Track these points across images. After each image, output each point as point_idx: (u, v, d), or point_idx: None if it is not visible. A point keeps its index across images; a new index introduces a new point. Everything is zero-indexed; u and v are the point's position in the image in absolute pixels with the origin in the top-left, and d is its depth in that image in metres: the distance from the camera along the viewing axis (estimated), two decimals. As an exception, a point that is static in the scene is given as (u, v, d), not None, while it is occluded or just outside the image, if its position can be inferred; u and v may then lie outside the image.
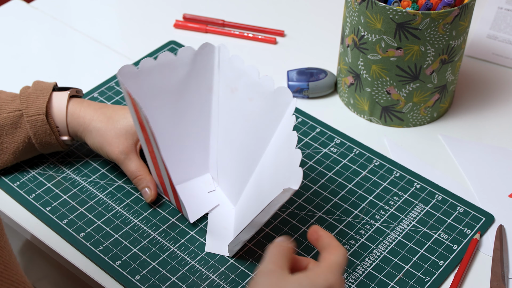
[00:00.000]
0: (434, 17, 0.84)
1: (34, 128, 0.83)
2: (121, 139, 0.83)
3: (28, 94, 0.84)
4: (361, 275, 0.77)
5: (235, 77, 0.80)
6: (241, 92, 0.80)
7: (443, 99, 0.95)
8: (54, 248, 0.80)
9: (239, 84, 0.80)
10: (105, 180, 0.87)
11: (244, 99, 0.80)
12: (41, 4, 1.16)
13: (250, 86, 0.79)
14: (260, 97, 0.78)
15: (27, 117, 0.82)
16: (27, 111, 0.83)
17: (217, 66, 0.82)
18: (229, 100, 0.82)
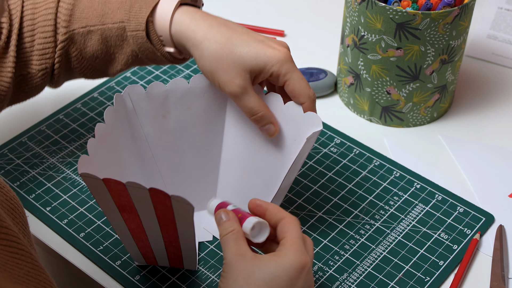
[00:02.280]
0: (434, 17, 0.84)
1: (136, 44, 0.77)
2: (240, 69, 0.72)
3: (133, 3, 0.76)
4: (361, 275, 0.77)
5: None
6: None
7: (443, 99, 0.95)
8: (54, 248, 0.80)
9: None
10: (105, 180, 0.87)
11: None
12: (41, 4, 1.16)
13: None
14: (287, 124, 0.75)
15: (129, 32, 0.76)
16: (129, 25, 0.76)
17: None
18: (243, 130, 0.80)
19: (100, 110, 0.96)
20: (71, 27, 0.78)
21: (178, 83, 0.78)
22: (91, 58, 0.80)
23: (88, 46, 0.79)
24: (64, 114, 0.96)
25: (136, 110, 0.77)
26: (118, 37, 0.77)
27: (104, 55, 0.80)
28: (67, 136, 0.93)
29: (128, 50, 0.78)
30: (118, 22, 0.76)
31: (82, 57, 0.80)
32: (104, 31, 0.77)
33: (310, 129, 0.72)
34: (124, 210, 0.67)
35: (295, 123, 0.75)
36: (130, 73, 1.02)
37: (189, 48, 0.74)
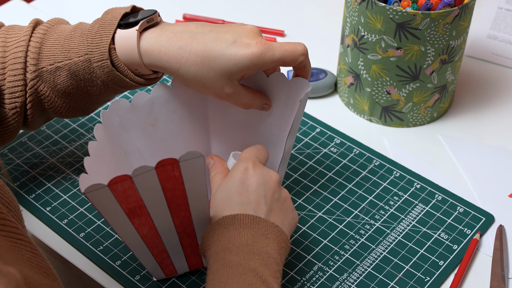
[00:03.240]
0: (434, 17, 0.84)
1: (104, 74, 0.74)
2: (224, 80, 0.72)
3: (94, 33, 0.74)
4: (361, 275, 0.77)
5: None
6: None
7: (443, 99, 0.95)
8: (54, 248, 0.80)
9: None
10: (105, 180, 0.87)
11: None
12: (41, 4, 1.16)
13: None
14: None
15: (94, 63, 0.74)
16: (93, 56, 0.74)
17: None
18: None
19: (100, 110, 0.96)
20: (40, 64, 0.76)
21: (160, 89, 0.78)
22: (64, 96, 0.78)
23: (58, 83, 0.77)
24: (64, 114, 0.96)
25: (125, 125, 0.77)
26: (85, 70, 0.75)
27: (76, 90, 0.77)
28: (67, 136, 0.93)
29: (99, 82, 0.76)
30: (83, 55, 0.74)
31: (54, 96, 0.78)
32: (71, 66, 0.75)
33: (300, 92, 0.76)
34: (135, 215, 0.66)
35: (283, 91, 0.77)
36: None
37: (170, 74, 0.74)
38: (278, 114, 0.79)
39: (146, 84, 0.77)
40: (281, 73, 0.77)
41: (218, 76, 0.72)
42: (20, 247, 0.55)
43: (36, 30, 0.77)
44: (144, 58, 0.73)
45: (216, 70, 0.72)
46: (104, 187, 0.61)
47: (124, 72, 0.75)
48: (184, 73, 0.72)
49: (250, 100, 0.76)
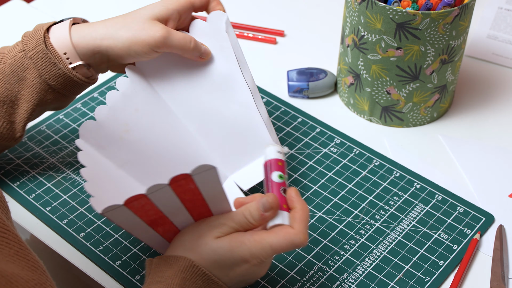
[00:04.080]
0: (434, 17, 0.84)
1: (39, 62, 0.78)
2: (150, 23, 0.77)
3: (28, 35, 0.79)
4: (361, 275, 0.77)
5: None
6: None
7: (443, 99, 0.95)
8: (54, 248, 0.80)
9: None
10: (105, 180, 0.87)
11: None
12: (41, 4, 1.16)
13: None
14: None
15: (28, 53, 0.77)
16: (28, 47, 0.77)
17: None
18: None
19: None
20: None
21: (113, 95, 0.79)
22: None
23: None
24: (64, 114, 0.96)
25: (101, 143, 0.76)
26: (19, 69, 0.78)
27: (10, 97, 0.78)
28: (67, 136, 0.93)
29: (32, 79, 0.78)
30: (18, 53, 0.78)
31: None
32: (5, 69, 0.78)
33: (220, 24, 0.77)
34: (157, 224, 0.67)
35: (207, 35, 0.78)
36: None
37: (99, 45, 0.77)
38: (219, 58, 0.79)
39: (76, 76, 0.79)
40: (196, 20, 0.79)
41: (143, 23, 0.76)
42: (7, 241, 0.55)
43: None
44: (74, 38, 0.78)
45: (140, 19, 0.77)
46: (121, 206, 0.62)
47: (57, 58, 0.77)
48: (113, 32, 0.77)
49: (185, 36, 0.77)
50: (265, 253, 0.66)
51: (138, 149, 0.79)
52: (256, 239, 0.66)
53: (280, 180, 0.69)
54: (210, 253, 0.66)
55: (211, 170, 0.62)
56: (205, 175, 0.62)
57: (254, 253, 0.66)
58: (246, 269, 0.67)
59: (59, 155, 0.90)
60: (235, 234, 0.67)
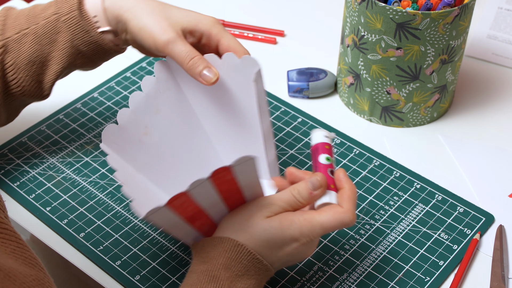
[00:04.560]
0: (434, 17, 0.84)
1: (71, 28, 0.78)
2: (172, 23, 0.75)
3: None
4: (361, 275, 0.77)
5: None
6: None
7: (443, 99, 0.95)
8: (54, 248, 0.80)
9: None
10: (105, 180, 0.87)
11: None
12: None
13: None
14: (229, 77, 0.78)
15: (62, 17, 0.77)
16: (62, 11, 0.77)
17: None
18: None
19: (100, 110, 0.96)
20: (5, 35, 0.78)
21: (136, 97, 0.78)
22: (28, 66, 0.79)
23: (23, 51, 0.78)
24: (64, 114, 0.96)
25: (124, 148, 0.76)
26: (52, 31, 0.78)
27: (40, 57, 0.79)
28: (67, 136, 0.93)
29: (64, 43, 0.78)
30: (51, 15, 0.78)
31: (18, 67, 0.79)
32: (37, 30, 0.78)
33: (251, 71, 0.75)
34: (195, 219, 0.68)
35: (238, 72, 0.77)
36: (130, 73, 1.02)
37: (122, 14, 0.76)
38: (242, 95, 0.78)
39: (106, 43, 0.79)
40: (230, 54, 0.76)
41: (167, 18, 0.75)
42: (4, 239, 0.55)
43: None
44: (107, 0, 0.77)
45: (167, 12, 0.76)
46: (163, 207, 0.62)
47: (91, 27, 0.77)
48: (138, 9, 0.76)
49: (190, 49, 0.74)
50: (315, 232, 0.67)
51: (155, 152, 0.79)
52: (306, 218, 0.67)
53: (328, 162, 0.71)
54: (261, 232, 0.67)
55: (250, 161, 0.64)
56: (244, 166, 0.64)
57: (304, 231, 0.67)
58: (295, 248, 0.68)
59: (59, 155, 0.90)
60: (285, 213, 0.68)
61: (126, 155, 0.76)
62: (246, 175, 0.66)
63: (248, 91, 0.77)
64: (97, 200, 0.84)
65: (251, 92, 0.77)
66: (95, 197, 0.85)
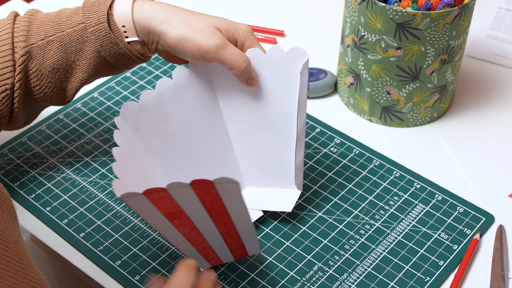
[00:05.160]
0: (434, 17, 0.84)
1: (99, 39, 0.77)
2: (213, 28, 0.75)
3: (90, 5, 0.78)
4: (361, 275, 0.77)
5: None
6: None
7: (443, 99, 0.95)
8: (54, 248, 0.80)
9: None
10: (105, 180, 0.87)
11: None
12: (41, 4, 1.16)
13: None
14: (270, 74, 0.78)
15: (90, 28, 0.76)
16: (89, 22, 0.76)
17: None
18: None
19: (100, 110, 0.96)
20: (30, 41, 0.77)
21: (164, 83, 0.78)
22: (51, 73, 0.78)
23: (48, 58, 0.78)
24: (64, 114, 0.96)
25: (139, 127, 0.77)
26: (78, 40, 0.77)
27: (65, 65, 0.78)
28: (67, 136, 0.93)
29: (90, 53, 0.78)
30: (78, 24, 0.77)
31: (42, 74, 0.78)
32: (63, 38, 0.77)
33: (298, 63, 0.75)
34: (174, 217, 0.67)
35: (282, 65, 0.76)
36: (130, 73, 1.02)
37: (156, 26, 0.76)
38: (283, 91, 0.78)
39: (136, 57, 0.79)
40: (277, 46, 0.77)
41: (207, 24, 0.75)
42: (7, 261, 0.54)
43: (20, 16, 0.79)
44: (135, 12, 0.76)
45: (205, 20, 0.75)
46: (139, 194, 0.62)
47: (119, 37, 0.77)
48: (173, 20, 0.75)
49: (241, 52, 0.75)
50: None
51: (172, 141, 0.79)
52: None
53: None
54: None
55: (234, 184, 0.62)
56: (228, 187, 0.63)
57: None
58: None
59: (59, 155, 0.90)
60: None
61: (141, 136, 0.76)
62: (229, 197, 0.64)
63: (289, 86, 0.77)
64: (97, 200, 0.84)
65: (293, 86, 0.77)
66: (95, 197, 0.85)
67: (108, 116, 0.95)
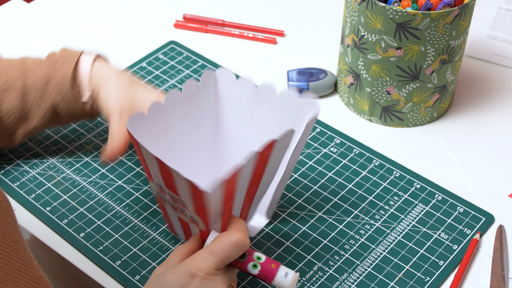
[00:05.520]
0: (434, 17, 0.84)
1: (60, 94, 0.80)
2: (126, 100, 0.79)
3: (55, 60, 0.82)
4: (361, 275, 0.77)
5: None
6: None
7: (443, 99, 0.95)
8: (54, 248, 0.80)
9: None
10: (105, 180, 0.87)
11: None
12: (41, 4, 1.16)
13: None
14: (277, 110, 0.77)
15: (54, 81, 0.80)
16: (54, 77, 0.81)
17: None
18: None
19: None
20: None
21: (173, 95, 0.77)
22: (5, 116, 0.82)
23: (5, 103, 0.81)
24: (64, 114, 0.96)
25: (143, 138, 0.75)
26: (39, 91, 0.81)
27: (20, 112, 0.82)
28: (67, 136, 0.93)
29: (48, 104, 0.82)
30: (41, 77, 0.81)
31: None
32: (25, 87, 0.81)
33: (308, 113, 0.74)
34: (226, 202, 0.68)
35: (291, 110, 0.76)
36: (130, 73, 1.02)
37: (100, 85, 0.81)
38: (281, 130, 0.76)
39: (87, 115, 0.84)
40: (291, 91, 0.75)
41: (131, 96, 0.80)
42: (9, 257, 0.54)
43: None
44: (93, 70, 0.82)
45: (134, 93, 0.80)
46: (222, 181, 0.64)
47: (76, 94, 0.82)
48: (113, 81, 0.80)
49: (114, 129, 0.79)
50: (208, 261, 0.64)
51: (167, 153, 0.78)
52: (195, 253, 0.66)
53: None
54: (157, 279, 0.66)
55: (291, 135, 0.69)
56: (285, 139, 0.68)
57: (198, 263, 0.64)
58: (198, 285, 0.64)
59: (59, 155, 0.90)
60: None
61: (143, 144, 0.76)
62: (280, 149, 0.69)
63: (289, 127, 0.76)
64: (97, 200, 0.84)
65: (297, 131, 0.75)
66: (95, 197, 0.85)
67: (108, 116, 0.95)
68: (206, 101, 0.80)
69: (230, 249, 0.65)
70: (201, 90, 0.79)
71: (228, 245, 0.65)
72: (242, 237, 0.65)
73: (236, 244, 0.65)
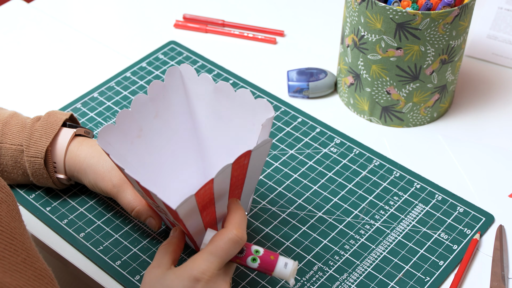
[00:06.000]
0: (434, 17, 0.84)
1: (31, 168, 0.80)
2: (113, 172, 0.78)
3: (33, 131, 0.80)
4: (361, 275, 0.77)
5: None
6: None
7: (443, 99, 0.95)
8: (54, 248, 0.80)
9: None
10: (105, 180, 0.87)
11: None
12: (41, 4, 1.16)
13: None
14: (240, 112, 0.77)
15: (27, 156, 0.80)
16: (28, 151, 0.80)
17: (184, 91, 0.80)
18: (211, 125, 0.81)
19: (100, 110, 0.96)
20: None
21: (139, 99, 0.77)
22: None
23: None
24: (64, 114, 0.95)
25: (117, 149, 0.75)
26: (12, 157, 0.81)
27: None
28: (67, 136, 0.92)
29: (19, 172, 0.82)
30: (17, 145, 0.80)
31: None
32: (0, 149, 0.81)
33: (263, 116, 0.74)
34: (205, 208, 0.68)
35: (248, 108, 0.76)
36: (130, 73, 1.02)
37: (77, 174, 0.80)
38: (246, 129, 0.77)
39: (61, 186, 0.84)
40: (247, 90, 0.75)
41: (110, 165, 0.78)
42: (14, 249, 0.55)
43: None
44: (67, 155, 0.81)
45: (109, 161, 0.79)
46: (191, 197, 0.63)
47: (51, 173, 0.81)
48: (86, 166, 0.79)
49: (132, 200, 0.77)
50: (209, 262, 0.64)
51: (144, 155, 0.78)
52: (194, 255, 0.66)
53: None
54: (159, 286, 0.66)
55: (268, 144, 0.68)
56: (262, 149, 0.67)
57: (200, 266, 0.64)
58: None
59: (59, 155, 0.90)
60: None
61: (118, 156, 0.75)
62: (258, 158, 0.68)
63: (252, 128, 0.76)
64: (97, 200, 0.84)
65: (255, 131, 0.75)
66: (95, 197, 0.85)
67: (108, 116, 0.95)
68: (175, 98, 0.80)
69: (229, 247, 0.65)
70: (167, 88, 0.79)
71: (227, 243, 0.65)
72: (239, 234, 0.65)
73: (234, 241, 0.65)
